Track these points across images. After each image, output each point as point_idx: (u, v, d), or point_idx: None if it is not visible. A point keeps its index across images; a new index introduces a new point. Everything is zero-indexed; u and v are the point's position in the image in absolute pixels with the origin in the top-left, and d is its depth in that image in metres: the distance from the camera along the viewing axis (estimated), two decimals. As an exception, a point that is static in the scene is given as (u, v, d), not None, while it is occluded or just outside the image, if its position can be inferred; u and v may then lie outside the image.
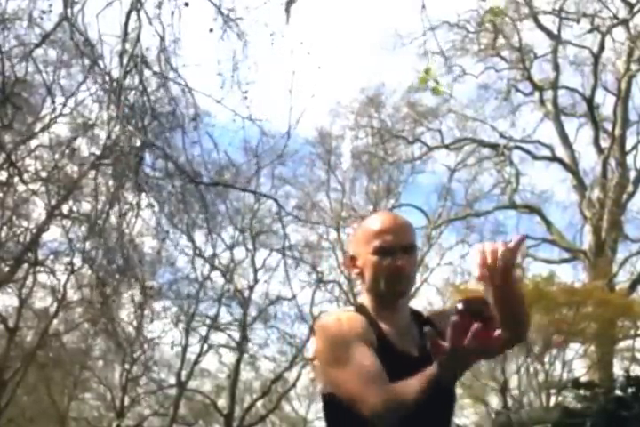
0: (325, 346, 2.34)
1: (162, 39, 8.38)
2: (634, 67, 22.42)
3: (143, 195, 9.40)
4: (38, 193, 17.45)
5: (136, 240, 11.15)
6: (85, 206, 14.92)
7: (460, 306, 2.04)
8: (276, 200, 13.12)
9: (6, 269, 18.81)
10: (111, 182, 9.58)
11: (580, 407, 14.10)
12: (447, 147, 25.27)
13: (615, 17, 22.43)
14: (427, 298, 25.40)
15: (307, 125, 30.15)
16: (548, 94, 23.81)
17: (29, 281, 21.84)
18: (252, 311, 26.20)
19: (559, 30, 23.37)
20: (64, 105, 16.11)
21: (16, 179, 15.83)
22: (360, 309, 2.47)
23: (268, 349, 26.64)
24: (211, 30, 8.88)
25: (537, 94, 24.01)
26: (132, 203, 9.41)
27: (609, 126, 22.87)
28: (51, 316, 22.05)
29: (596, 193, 22.44)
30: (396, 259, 2.40)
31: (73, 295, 20.27)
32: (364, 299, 2.50)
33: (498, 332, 2.02)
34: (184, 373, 26.13)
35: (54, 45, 13.94)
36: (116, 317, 15.29)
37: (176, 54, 9.12)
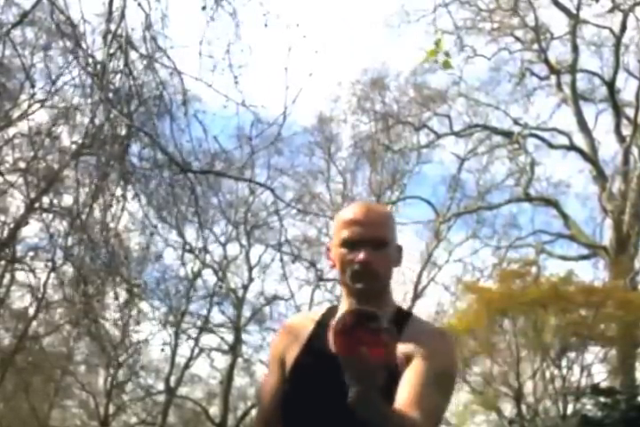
0: None
1: (147, 15, 8.35)
2: (659, 48, 22.42)
3: (129, 186, 9.39)
4: (16, 185, 17.44)
5: (122, 235, 11.16)
6: (67, 199, 14.90)
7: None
8: (271, 189, 12.93)
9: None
10: (95, 173, 9.56)
11: (600, 415, 14.15)
12: (456, 134, 25.26)
13: (639, -6, 22.40)
14: (435, 297, 25.51)
15: (305, 112, 30.12)
16: (566, 78, 23.76)
17: (7, 279, 21.86)
18: (247, 312, 26.28)
19: (578, 8, 23.31)
20: (49, 92, 16.06)
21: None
22: (328, 311, 2.45)
23: (264, 352, 26.70)
24: (203, 8, 8.85)
25: (553, 78, 23.97)
26: (117, 195, 9.40)
27: (631, 113, 22.83)
28: (30, 317, 22.06)
29: (617, 184, 22.43)
30: (362, 252, 2.30)
31: (54, 295, 20.27)
32: (342, 293, 2.45)
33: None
34: (173, 378, 26.19)
35: (33, 26, 13.91)
36: (99, 318, 15.29)
37: (164, 35, 9.09)
